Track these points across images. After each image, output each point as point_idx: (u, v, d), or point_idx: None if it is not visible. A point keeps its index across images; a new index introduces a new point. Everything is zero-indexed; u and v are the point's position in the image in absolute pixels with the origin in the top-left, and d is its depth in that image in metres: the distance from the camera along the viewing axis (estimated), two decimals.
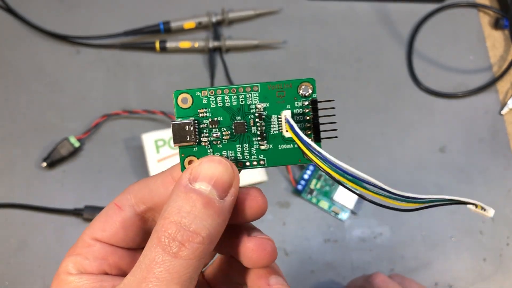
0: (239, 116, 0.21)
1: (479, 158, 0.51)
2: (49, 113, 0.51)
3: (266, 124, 0.21)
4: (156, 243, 0.18)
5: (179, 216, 0.18)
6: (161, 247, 0.18)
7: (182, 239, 0.18)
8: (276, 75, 0.54)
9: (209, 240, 0.18)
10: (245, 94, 0.21)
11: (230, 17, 0.54)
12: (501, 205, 0.50)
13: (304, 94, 0.21)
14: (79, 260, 0.22)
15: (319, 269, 0.47)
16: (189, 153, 0.21)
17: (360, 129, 0.52)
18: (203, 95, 0.21)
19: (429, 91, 0.54)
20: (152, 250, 0.18)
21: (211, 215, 0.19)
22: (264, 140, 0.21)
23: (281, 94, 0.21)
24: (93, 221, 0.23)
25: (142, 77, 0.53)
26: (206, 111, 0.21)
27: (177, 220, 0.18)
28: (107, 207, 0.23)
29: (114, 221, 0.22)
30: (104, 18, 0.55)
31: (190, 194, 0.19)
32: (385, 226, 0.48)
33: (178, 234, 0.18)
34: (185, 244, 0.18)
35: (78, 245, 0.22)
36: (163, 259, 0.18)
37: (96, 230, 0.22)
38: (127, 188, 0.23)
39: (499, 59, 0.55)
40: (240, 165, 0.21)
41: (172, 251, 0.18)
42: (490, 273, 0.47)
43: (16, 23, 0.54)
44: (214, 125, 0.21)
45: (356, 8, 0.57)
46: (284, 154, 0.21)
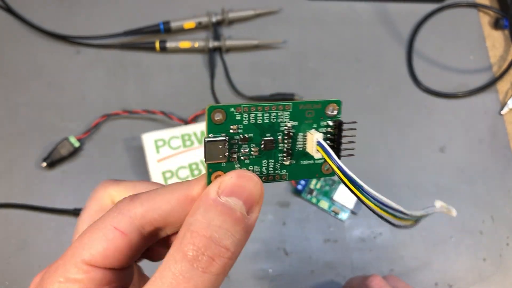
0: (268, 133, 0.21)
1: (479, 158, 0.51)
2: (49, 113, 0.51)
3: (293, 141, 0.22)
4: (182, 257, 0.17)
5: (209, 230, 0.18)
6: (187, 261, 0.17)
7: (213, 254, 0.17)
8: (276, 75, 0.54)
9: (236, 255, 0.18)
10: (277, 112, 0.21)
11: (230, 17, 0.54)
12: (501, 205, 0.50)
13: (331, 115, 0.22)
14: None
15: (319, 269, 0.47)
16: (217, 168, 0.21)
17: (360, 129, 0.51)
18: (237, 111, 0.21)
19: (429, 91, 0.54)
20: (178, 264, 0.17)
21: (240, 230, 0.18)
22: (289, 156, 0.22)
23: (310, 113, 0.22)
24: (86, 243, 0.20)
25: (142, 77, 0.53)
26: (238, 127, 0.21)
27: (208, 234, 0.17)
28: (103, 228, 0.20)
29: (119, 248, 0.19)
30: (104, 18, 0.55)
31: (220, 208, 0.18)
32: (385, 226, 0.48)
33: (208, 249, 0.17)
34: (215, 259, 0.17)
35: (72, 270, 0.19)
36: (191, 274, 0.17)
37: (96, 256, 0.19)
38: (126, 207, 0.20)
39: (499, 59, 0.55)
40: (264, 179, 0.22)
41: (202, 266, 0.17)
42: (490, 273, 0.47)
43: (16, 23, 0.54)
44: (244, 141, 0.21)
45: (356, 8, 0.57)
46: (305, 169, 0.22)
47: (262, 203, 0.20)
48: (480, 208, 0.49)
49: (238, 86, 0.53)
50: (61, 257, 0.20)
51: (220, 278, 0.18)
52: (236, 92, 0.52)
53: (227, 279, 0.46)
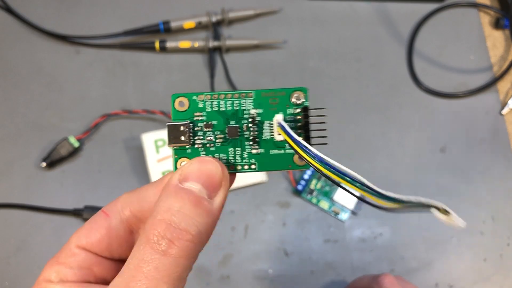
0: (233, 121, 0.22)
1: (480, 158, 0.51)
2: (49, 113, 0.51)
3: (259, 129, 0.22)
4: (145, 242, 0.18)
5: (169, 214, 0.18)
6: (149, 246, 0.18)
7: (172, 236, 0.18)
8: (276, 75, 0.54)
9: (199, 239, 0.18)
10: (240, 100, 0.22)
11: (230, 17, 0.54)
12: (501, 205, 0.49)
13: (296, 102, 0.22)
14: (62, 269, 0.21)
15: (319, 270, 0.47)
16: (183, 154, 0.22)
17: (360, 129, 0.51)
18: (199, 99, 0.22)
19: (429, 91, 0.53)
20: (141, 248, 0.18)
21: (200, 213, 0.19)
22: (256, 145, 0.22)
23: (274, 101, 0.22)
24: (81, 228, 0.22)
25: (142, 77, 0.53)
26: (201, 114, 0.22)
27: (167, 218, 0.18)
28: (95, 214, 0.22)
29: (99, 227, 0.22)
30: (104, 18, 0.55)
31: (180, 193, 0.19)
32: (385, 226, 0.48)
33: (167, 232, 0.18)
34: (175, 242, 0.18)
35: (63, 254, 0.22)
36: (152, 258, 0.17)
37: (81, 237, 0.22)
38: (118, 197, 0.23)
39: (499, 59, 0.55)
40: (232, 168, 0.22)
41: (161, 249, 0.18)
42: (491, 273, 0.47)
43: (16, 23, 0.54)
44: (208, 128, 0.22)
45: (356, 8, 0.57)
46: (275, 159, 0.22)
47: (228, 188, 0.20)
48: (480, 208, 0.49)
49: (238, 86, 0.52)
50: None
51: (181, 261, 0.18)
52: None
53: (227, 279, 0.46)
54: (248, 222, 0.47)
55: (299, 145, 0.20)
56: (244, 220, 0.47)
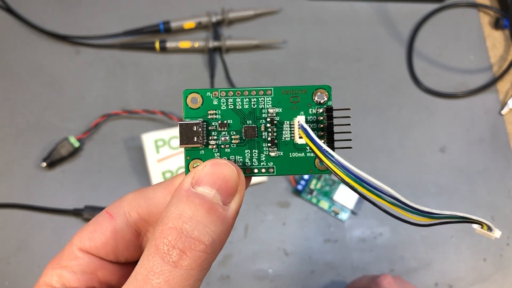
0: (250, 120, 0.20)
1: (479, 158, 0.51)
2: (49, 113, 0.51)
3: (278, 130, 0.20)
4: (154, 251, 0.17)
5: (180, 221, 0.17)
6: (159, 256, 0.16)
7: (184, 246, 0.16)
8: (276, 75, 0.54)
9: (212, 249, 0.17)
10: (258, 97, 0.20)
11: (230, 17, 0.54)
12: (501, 205, 0.50)
13: (319, 101, 0.20)
14: (64, 274, 0.20)
15: (319, 269, 0.47)
16: (195, 156, 0.20)
17: (360, 129, 0.52)
18: (214, 96, 0.20)
19: (429, 91, 0.54)
20: (150, 258, 0.17)
21: (214, 221, 0.17)
22: (275, 147, 0.20)
23: (295, 99, 0.20)
24: (82, 229, 0.21)
25: (142, 77, 0.53)
26: (216, 112, 0.20)
27: (178, 225, 0.17)
28: (98, 215, 0.21)
29: (104, 230, 0.20)
30: (104, 18, 0.55)
31: (192, 198, 0.17)
32: (385, 226, 0.48)
33: (179, 241, 0.16)
34: (187, 253, 0.16)
35: (64, 256, 0.20)
36: (162, 269, 0.16)
37: (84, 239, 0.20)
38: (123, 197, 0.21)
39: (499, 59, 0.55)
40: (248, 171, 0.20)
41: (172, 260, 0.16)
42: (490, 273, 0.47)
43: (16, 23, 0.54)
44: (223, 127, 0.20)
45: (356, 8, 0.57)
46: (295, 163, 0.20)
47: (244, 194, 0.19)
48: (480, 208, 0.49)
49: (238, 86, 0.52)
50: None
51: (193, 273, 0.17)
52: None
53: (227, 279, 0.46)
54: (248, 222, 0.47)
55: (322, 151, 0.18)
56: (244, 220, 0.47)
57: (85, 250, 0.20)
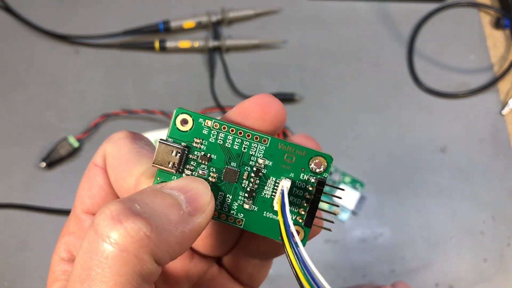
0: (234, 163, 0.19)
1: (480, 158, 0.51)
2: (48, 113, 0.51)
3: (261, 183, 0.19)
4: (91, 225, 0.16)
5: (134, 204, 0.16)
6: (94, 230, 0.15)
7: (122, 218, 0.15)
8: (276, 75, 0.53)
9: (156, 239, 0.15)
10: (251, 142, 0.18)
11: (230, 16, 0.54)
12: (501, 205, 0.49)
13: (315, 170, 0.18)
14: (72, 241, 0.19)
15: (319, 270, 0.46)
16: (166, 179, 0.18)
17: (360, 129, 0.51)
18: (205, 125, 0.18)
19: (429, 91, 0.53)
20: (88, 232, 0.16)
21: (173, 220, 0.16)
22: (251, 200, 0.19)
23: (289, 158, 0.18)
24: (79, 190, 0.20)
25: (141, 77, 0.53)
26: (202, 142, 0.18)
27: (128, 205, 0.15)
28: (87, 171, 0.20)
29: (100, 183, 0.20)
30: (104, 18, 0.55)
31: (156, 193, 0.16)
32: (385, 226, 0.48)
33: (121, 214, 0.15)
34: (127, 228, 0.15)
35: (71, 223, 0.20)
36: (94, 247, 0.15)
37: (84, 199, 0.20)
38: (103, 144, 0.20)
39: (500, 59, 0.55)
40: (215, 215, 0.19)
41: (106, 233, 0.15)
42: (491, 273, 0.47)
43: (15, 23, 0.54)
44: (204, 161, 0.18)
45: (356, 7, 0.57)
46: (266, 224, 0.19)
47: (209, 219, 0.17)
48: (481, 208, 0.49)
49: (238, 86, 0.52)
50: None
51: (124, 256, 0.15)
52: (236, 92, 0.52)
53: None
54: None
55: (287, 233, 0.17)
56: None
57: (88, 211, 0.20)
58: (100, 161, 0.20)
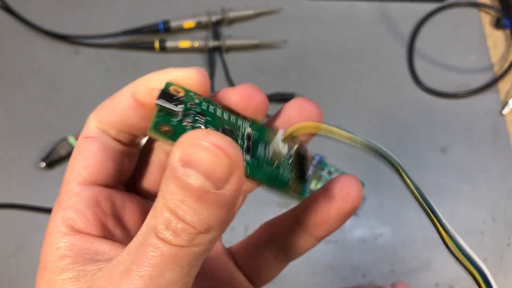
0: (228, 126, 0.18)
1: (480, 158, 0.51)
2: (48, 113, 0.51)
3: (254, 145, 0.19)
4: (151, 228, 0.15)
5: (173, 203, 0.15)
6: (154, 232, 0.15)
7: (176, 228, 0.15)
8: (276, 75, 0.53)
9: (210, 231, 0.15)
10: (237, 117, 0.19)
11: (230, 16, 0.54)
12: (502, 205, 0.49)
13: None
14: (70, 214, 0.18)
15: (319, 270, 0.47)
16: (166, 121, 0.17)
17: (360, 129, 0.51)
18: (196, 97, 0.18)
19: (430, 91, 0.53)
20: (146, 232, 0.16)
21: (207, 207, 0.15)
22: (249, 155, 0.19)
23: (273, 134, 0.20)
24: (71, 164, 0.19)
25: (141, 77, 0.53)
26: (196, 104, 0.18)
27: (172, 207, 0.15)
28: (77, 146, 0.19)
29: (93, 151, 0.19)
30: (103, 18, 0.55)
31: (181, 182, 0.15)
32: (385, 226, 0.48)
33: (172, 223, 0.15)
34: (180, 235, 0.15)
35: (63, 197, 0.19)
36: (157, 245, 0.15)
37: (80, 170, 0.19)
38: (89, 117, 0.20)
39: (500, 59, 0.55)
40: None
41: (167, 238, 0.15)
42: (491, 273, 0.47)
43: (15, 23, 0.54)
44: (202, 116, 0.18)
45: (356, 7, 0.57)
46: (268, 174, 0.19)
47: (242, 172, 0.16)
48: (481, 208, 0.49)
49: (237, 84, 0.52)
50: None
51: (190, 251, 0.15)
52: None
53: None
54: (248, 222, 0.47)
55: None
56: (244, 220, 0.47)
57: (86, 182, 0.19)
58: (90, 133, 0.19)
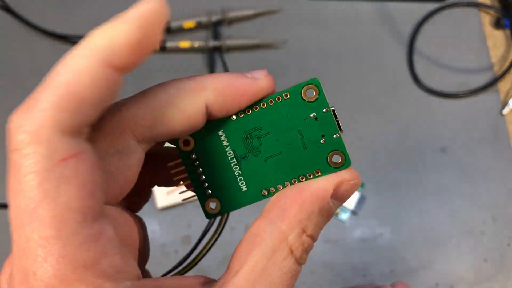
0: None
1: (480, 158, 0.51)
2: None
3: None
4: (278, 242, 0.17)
5: (310, 229, 0.18)
6: (285, 248, 0.17)
7: (303, 242, 0.18)
8: (276, 75, 0.53)
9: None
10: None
11: (230, 16, 0.54)
12: (502, 205, 0.49)
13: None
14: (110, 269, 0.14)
15: (319, 270, 0.47)
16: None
17: (360, 129, 0.51)
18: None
19: (429, 91, 0.53)
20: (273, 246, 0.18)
21: (326, 221, 0.18)
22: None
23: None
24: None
25: (141, 77, 0.53)
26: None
27: (309, 232, 0.18)
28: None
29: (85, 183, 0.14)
30: (103, 18, 0.55)
31: (324, 212, 0.18)
32: (385, 226, 0.48)
33: (301, 240, 0.17)
34: (305, 250, 0.18)
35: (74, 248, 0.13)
36: (284, 260, 0.17)
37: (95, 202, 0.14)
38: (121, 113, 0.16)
39: (500, 59, 0.55)
40: None
41: (296, 257, 0.17)
42: (491, 273, 0.47)
43: (15, 23, 0.54)
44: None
45: (356, 7, 0.57)
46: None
47: None
48: (481, 209, 0.49)
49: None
50: None
51: (300, 269, 0.18)
52: None
53: None
54: (248, 222, 0.47)
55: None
56: (244, 220, 0.47)
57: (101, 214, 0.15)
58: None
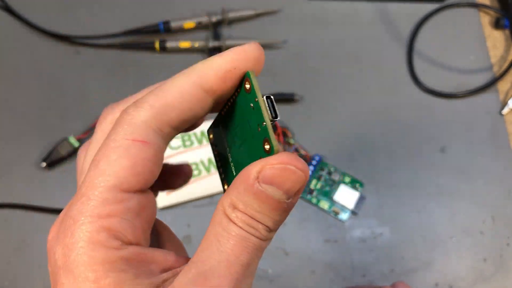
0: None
1: (480, 158, 0.51)
2: (49, 113, 0.51)
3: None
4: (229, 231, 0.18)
5: (248, 211, 0.18)
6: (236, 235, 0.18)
7: (254, 228, 0.18)
8: (276, 75, 0.53)
9: (276, 230, 0.19)
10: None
11: (230, 17, 0.54)
12: (501, 205, 0.49)
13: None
14: (116, 225, 0.16)
15: (319, 270, 0.47)
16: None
17: (360, 129, 0.51)
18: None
19: (429, 91, 0.53)
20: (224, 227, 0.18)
21: (279, 214, 0.18)
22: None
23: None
24: (99, 165, 0.17)
25: (142, 77, 0.53)
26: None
27: (249, 213, 0.18)
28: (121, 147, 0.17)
29: (145, 158, 0.17)
30: (104, 18, 0.55)
31: (258, 195, 0.17)
32: (385, 226, 0.48)
33: (251, 226, 0.18)
34: (261, 231, 0.18)
35: (95, 203, 0.16)
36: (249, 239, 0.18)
37: (124, 176, 0.17)
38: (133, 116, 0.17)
39: (499, 59, 0.55)
40: None
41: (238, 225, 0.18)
42: (491, 273, 0.47)
43: (16, 23, 0.54)
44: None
45: (356, 8, 0.57)
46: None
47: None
48: (480, 208, 0.49)
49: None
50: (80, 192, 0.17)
51: (265, 244, 0.19)
52: None
53: None
54: None
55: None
56: None
57: (129, 190, 0.17)
58: (141, 136, 0.17)
